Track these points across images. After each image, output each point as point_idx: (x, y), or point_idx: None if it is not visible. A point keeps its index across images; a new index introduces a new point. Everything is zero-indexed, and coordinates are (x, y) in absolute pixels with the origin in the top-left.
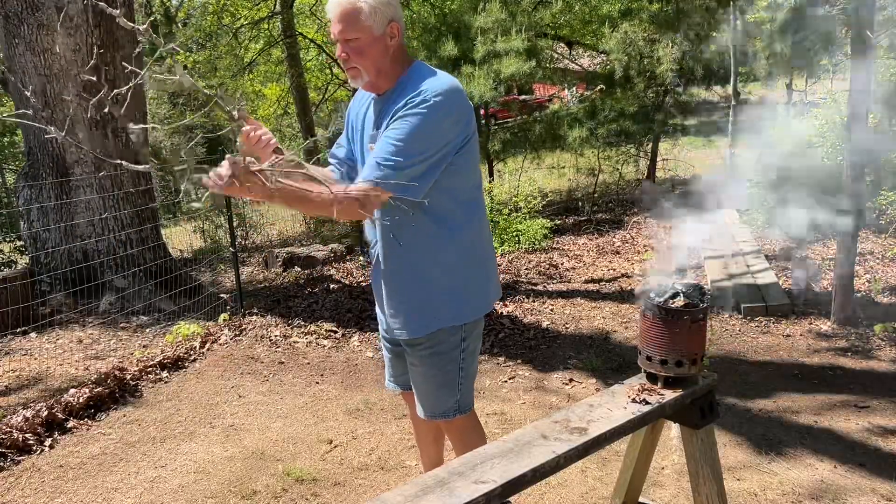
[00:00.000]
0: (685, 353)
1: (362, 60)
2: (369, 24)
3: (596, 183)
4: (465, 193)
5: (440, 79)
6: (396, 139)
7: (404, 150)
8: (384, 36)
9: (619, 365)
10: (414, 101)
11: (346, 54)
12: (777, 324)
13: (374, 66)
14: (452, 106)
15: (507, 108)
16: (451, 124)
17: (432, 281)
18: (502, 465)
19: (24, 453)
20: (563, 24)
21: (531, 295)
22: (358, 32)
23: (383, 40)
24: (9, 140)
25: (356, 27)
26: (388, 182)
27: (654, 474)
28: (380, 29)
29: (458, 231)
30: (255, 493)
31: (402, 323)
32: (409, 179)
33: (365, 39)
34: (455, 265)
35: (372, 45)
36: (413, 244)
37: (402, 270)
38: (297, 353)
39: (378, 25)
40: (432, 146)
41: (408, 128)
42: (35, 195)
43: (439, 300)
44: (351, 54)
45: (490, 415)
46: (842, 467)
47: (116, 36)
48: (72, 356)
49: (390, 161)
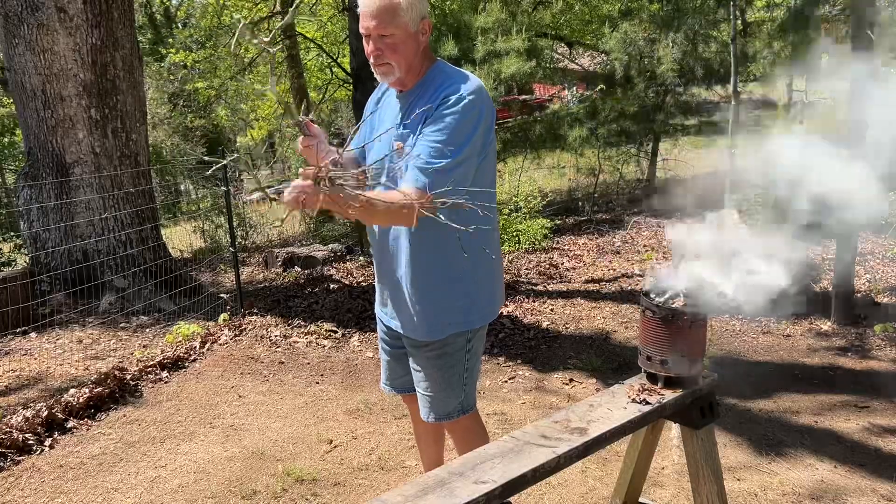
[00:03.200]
0: (685, 353)
1: (396, 57)
2: (406, 20)
3: (596, 183)
4: (485, 196)
5: (471, 78)
6: (439, 140)
7: (448, 150)
8: (417, 33)
9: (619, 365)
10: (450, 101)
11: (380, 50)
12: (777, 324)
13: (406, 62)
14: (484, 106)
15: (508, 108)
16: (484, 124)
17: (452, 285)
18: (502, 465)
19: (24, 453)
20: (563, 23)
21: (531, 295)
22: (395, 28)
23: (416, 37)
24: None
25: (394, 23)
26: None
27: (654, 474)
28: (414, 25)
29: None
30: (255, 493)
31: (417, 325)
32: (454, 179)
33: (400, 36)
34: (473, 270)
35: (406, 41)
36: (438, 247)
37: (426, 274)
38: (297, 353)
39: (413, 22)
40: (471, 145)
41: (449, 128)
42: (35, 195)
43: (457, 305)
44: (385, 50)
45: (490, 415)
46: (842, 467)
47: (117, 36)
48: (72, 356)
49: (437, 163)
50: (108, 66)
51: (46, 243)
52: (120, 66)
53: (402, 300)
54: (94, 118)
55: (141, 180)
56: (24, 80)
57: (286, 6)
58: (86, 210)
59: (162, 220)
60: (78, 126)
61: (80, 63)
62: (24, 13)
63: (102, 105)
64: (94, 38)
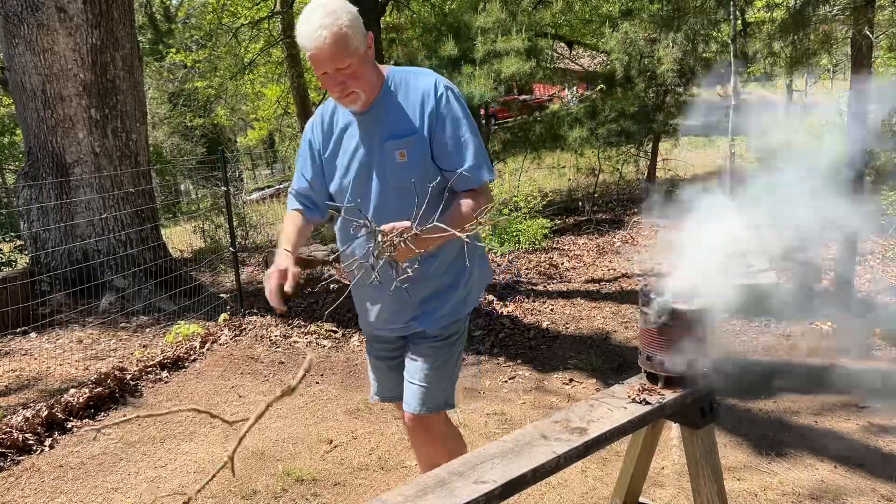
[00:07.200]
0: (685, 354)
1: (359, 83)
2: (355, 45)
3: (596, 183)
4: None
5: (426, 71)
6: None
7: (474, 136)
8: (366, 50)
9: (619, 365)
10: (442, 98)
11: (343, 83)
12: (777, 324)
13: (368, 83)
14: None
15: (508, 108)
16: None
17: (465, 274)
18: (502, 465)
19: (24, 453)
20: (563, 23)
21: (531, 295)
22: (349, 57)
23: (366, 55)
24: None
25: (347, 53)
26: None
27: (654, 474)
28: (363, 45)
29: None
30: (255, 493)
31: (428, 316)
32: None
33: (356, 62)
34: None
35: (362, 64)
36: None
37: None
38: (297, 353)
39: (361, 43)
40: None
41: (461, 119)
42: (35, 195)
43: (465, 291)
44: (347, 80)
45: (490, 415)
46: (842, 467)
47: (117, 36)
48: (72, 356)
49: (481, 150)
50: (108, 66)
51: (46, 243)
52: (120, 66)
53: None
54: (94, 118)
55: (141, 180)
56: (24, 80)
57: (286, 6)
58: (86, 210)
59: (162, 220)
60: (78, 126)
61: (80, 63)
62: (24, 13)
63: (102, 105)
64: (94, 38)
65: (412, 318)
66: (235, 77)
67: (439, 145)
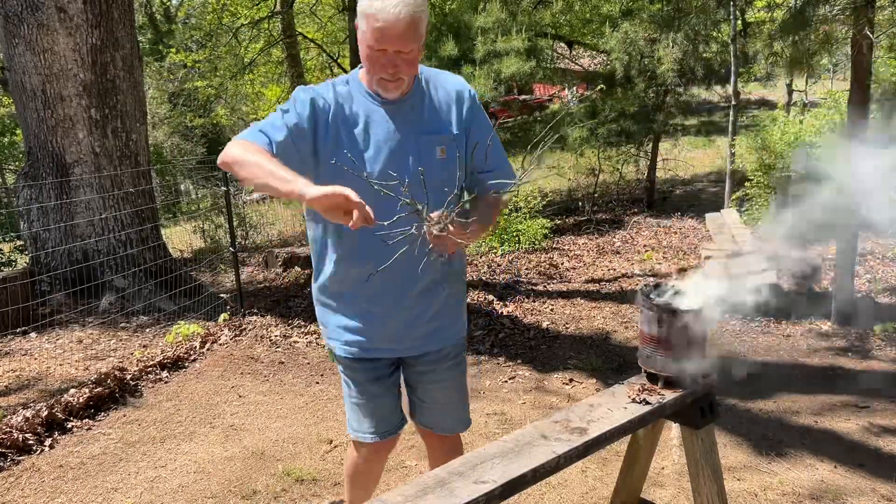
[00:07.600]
0: (685, 353)
1: (410, 70)
2: (422, 32)
3: (596, 183)
4: None
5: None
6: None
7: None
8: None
9: (619, 365)
10: (475, 100)
11: (397, 66)
12: (777, 324)
13: (414, 74)
14: None
15: (508, 108)
16: None
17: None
18: (502, 466)
19: (24, 453)
20: (563, 23)
21: (531, 295)
22: (414, 43)
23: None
24: (9, 140)
25: (415, 38)
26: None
27: (654, 474)
28: (425, 37)
29: None
30: (255, 493)
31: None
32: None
33: (417, 49)
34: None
35: (419, 53)
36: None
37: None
38: (297, 353)
39: (425, 34)
40: None
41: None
42: (35, 195)
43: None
44: (402, 66)
45: (490, 415)
46: (842, 467)
47: (117, 36)
48: (72, 356)
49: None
50: (108, 66)
51: (46, 243)
52: (120, 66)
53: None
54: (94, 118)
55: (141, 180)
56: (24, 80)
57: (286, 6)
58: (86, 210)
59: (162, 220)
60: (78, 126)
61: (80, 63)
62: (24, 13)
63: (102, 105)
64: (94, 38)
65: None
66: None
67: (480, 146)
